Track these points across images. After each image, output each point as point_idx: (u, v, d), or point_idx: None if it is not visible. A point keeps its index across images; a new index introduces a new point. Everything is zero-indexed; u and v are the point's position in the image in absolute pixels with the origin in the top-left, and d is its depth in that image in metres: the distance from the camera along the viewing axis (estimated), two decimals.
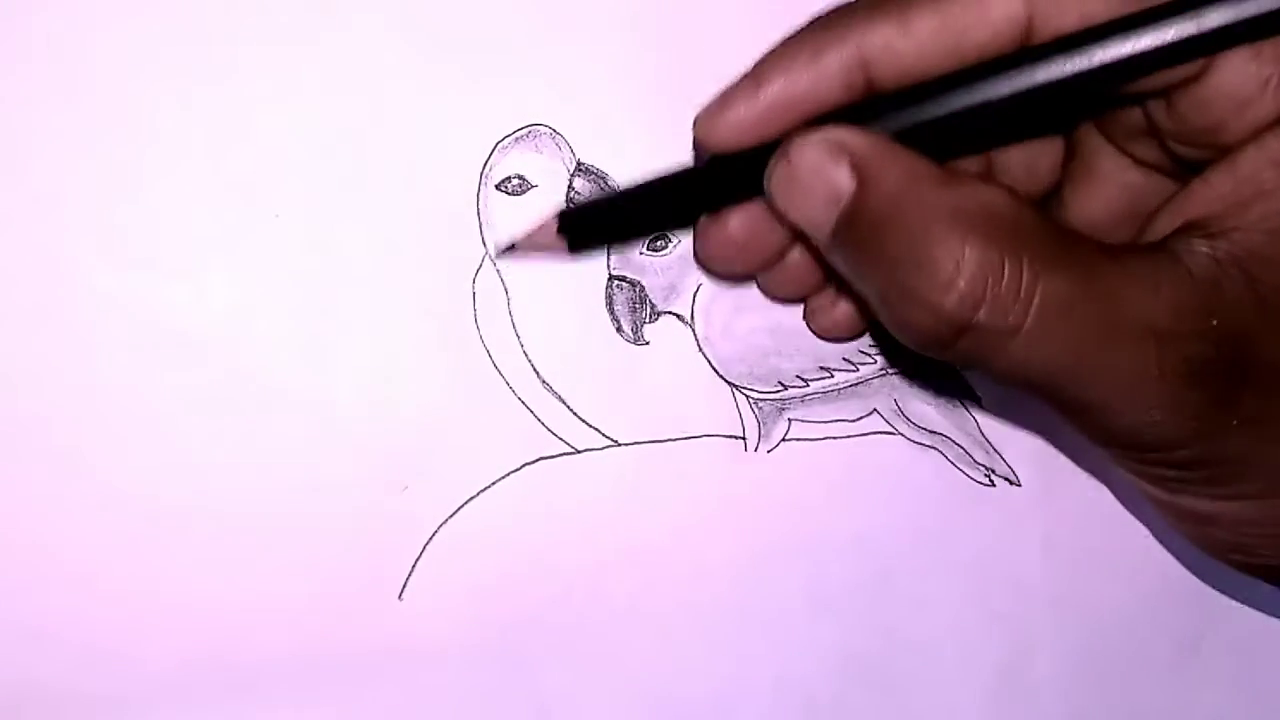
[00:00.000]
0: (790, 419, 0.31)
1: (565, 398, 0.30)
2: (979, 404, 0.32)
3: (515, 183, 0.29)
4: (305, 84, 0.28)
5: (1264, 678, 0.34)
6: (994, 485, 0.32)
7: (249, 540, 0.28)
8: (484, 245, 0.29)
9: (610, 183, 0.30)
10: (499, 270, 0.29)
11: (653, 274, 0.30)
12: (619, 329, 0.30)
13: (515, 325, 0.29)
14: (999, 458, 0.32)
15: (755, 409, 0.31)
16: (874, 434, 0.32)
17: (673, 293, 0.30)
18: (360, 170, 0.28)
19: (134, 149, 0.27)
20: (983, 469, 0.32)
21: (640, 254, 0.30)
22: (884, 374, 0.32)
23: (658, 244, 0.30)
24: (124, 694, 0.27)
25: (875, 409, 0.32)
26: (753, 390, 0.31)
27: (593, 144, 0.30)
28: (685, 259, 0.30)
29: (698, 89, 0.29)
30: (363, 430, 0.29)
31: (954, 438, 0.32)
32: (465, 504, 0.29)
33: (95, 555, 0.27)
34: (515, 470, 0.29)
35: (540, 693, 0.30)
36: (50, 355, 0.27)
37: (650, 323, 0.30)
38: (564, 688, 0.30)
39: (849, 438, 0.32)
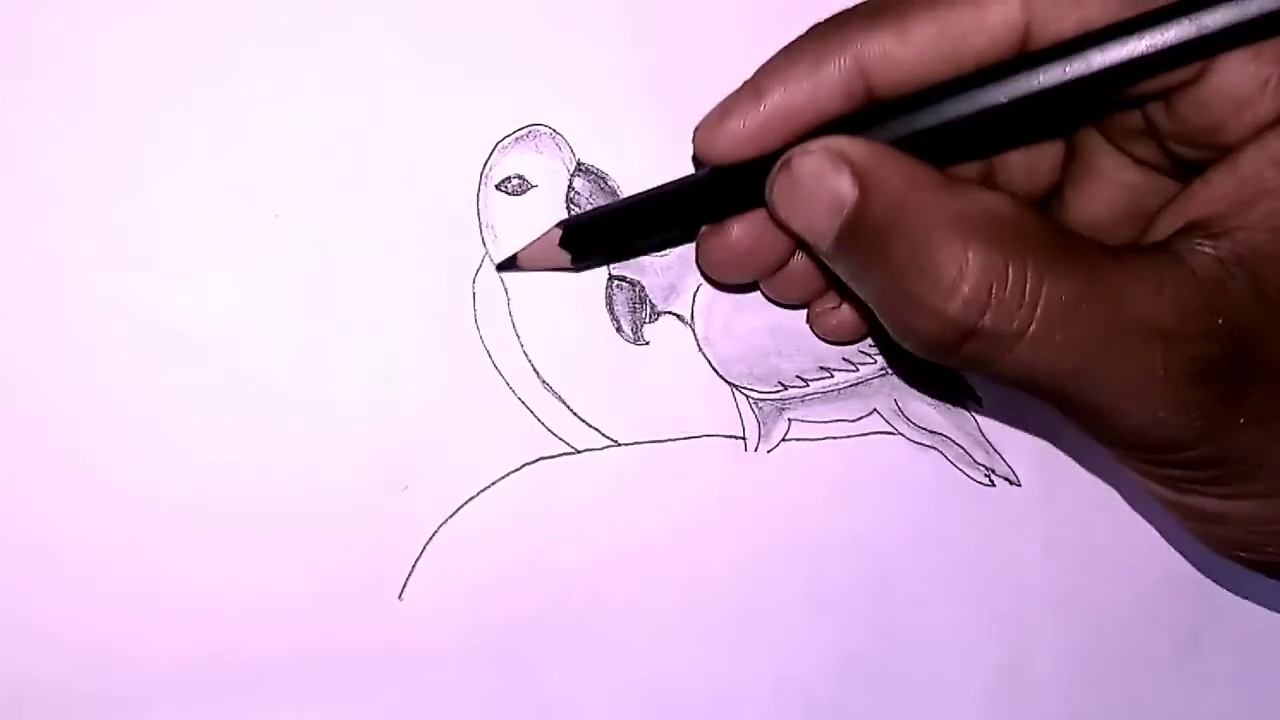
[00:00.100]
0: (790, 419, 0.31)
1: (565, 398, 0.30)
2: (979, 404, 0.32)
3: (515, 183, 0.29)
4: (305, 84, 0.28)
5: (1264, 676, 0.34)
6: (994, 485, 0.32)
7: (249, 540, 0.28)
8: (484, 245, 0.29)
9: (610, 183, 0.30)
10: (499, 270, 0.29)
11: (653, 274, 0.30)
12: (619, 329, 0.30)
13: (515, 325, 0.29)
14: (999, 458, 0.32)
15: (755, 409, 0.31)
16: (874, 434, 0.32)
17: (673, 293, 0.30)
18: (360, 170, 0.28)
19: (134, 149, 0.27)
20: (983, 469, 0.32)
21: None
22: (884, 374, 0.32)
23: None
24: (124, 694, 0.27)
25: (875, 409, 0.32)
26: (753, 390, 0.31)
27: (593, 144, 0.30)
28: (685, 259, 0.30)
29: (697, 89, 0.29)
30: (363, 430, 0.29)
31: (954, 438, 0.32)
32: (465, 504, 0.29)
33: (95, 555, 0.27)
34: (515, 470, 0.29)
35: (540, 693, 0.30)
36: (50, 355, 0.27)
37: (650, 323, 0.30)
38: (564, 688, 0.30)
39: (849, 438, 0.32)
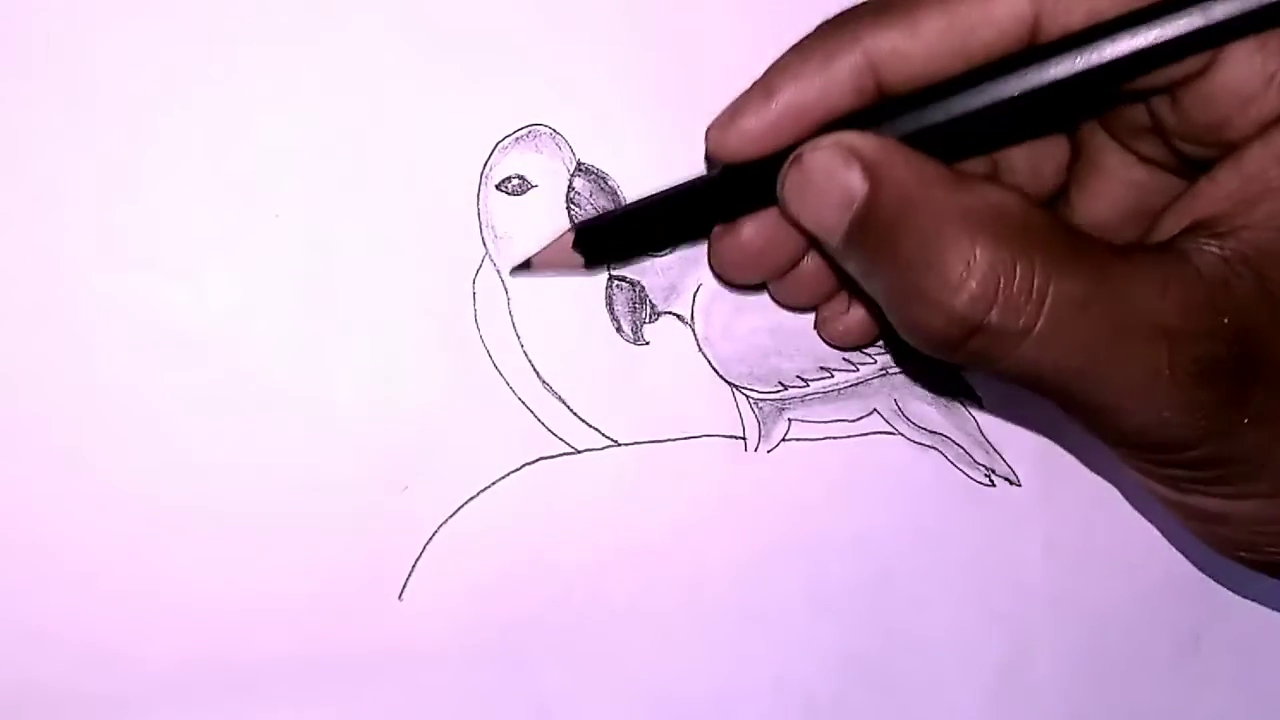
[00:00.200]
0: (790, 419, 0.31)
1: (565, 398, 0.30)
2: (979, 404, 0.32)
3: (515, 183, 0.29)
4: (305, 84, 0.28)
5: (1264, 676, 0.34)
6: (994, 485, 0.32)
7: (249, 540, 0.28)
8: (484, 245, 0.29)
9: (610, 183, 0.30)
10: (499, 270, 0.29)
11: (653, 274, 0.30)
12: (619, 329, 0.30)
13: (515, 325, 0.29)
14: (999, 458, 0.32)
15: (755, 409, 0.31)
16: (874, 434, 0.32)
17: (673, 293, 0.30)
18: (360, 170, 0.28)
19: (134, 149, 0.27)
20: (983, 469, 0.32)
21: None
22: (884, 374, 0.32)
23: None
24: (124, 694, 0.27)
25: (875, 409, 0.32)
26: (753, 390, 0.31)
27: (593, 144, 0.30)
28: (685, 259, 0.30)
29: (698, 89, 0.29)
30: (363, 430, 0.29)
31: (954, 438, 0.32)
32: (465, 504, 0.29)
33: (95, 555, 0.27)
34: (515, 470, 0.29)
35: (540, 693, 0.30)
36: (50, 355, 0.27)
37: (650, 323, 0.30)
38: (564, 688, 0.30)
39: (849, 438, 0.32)
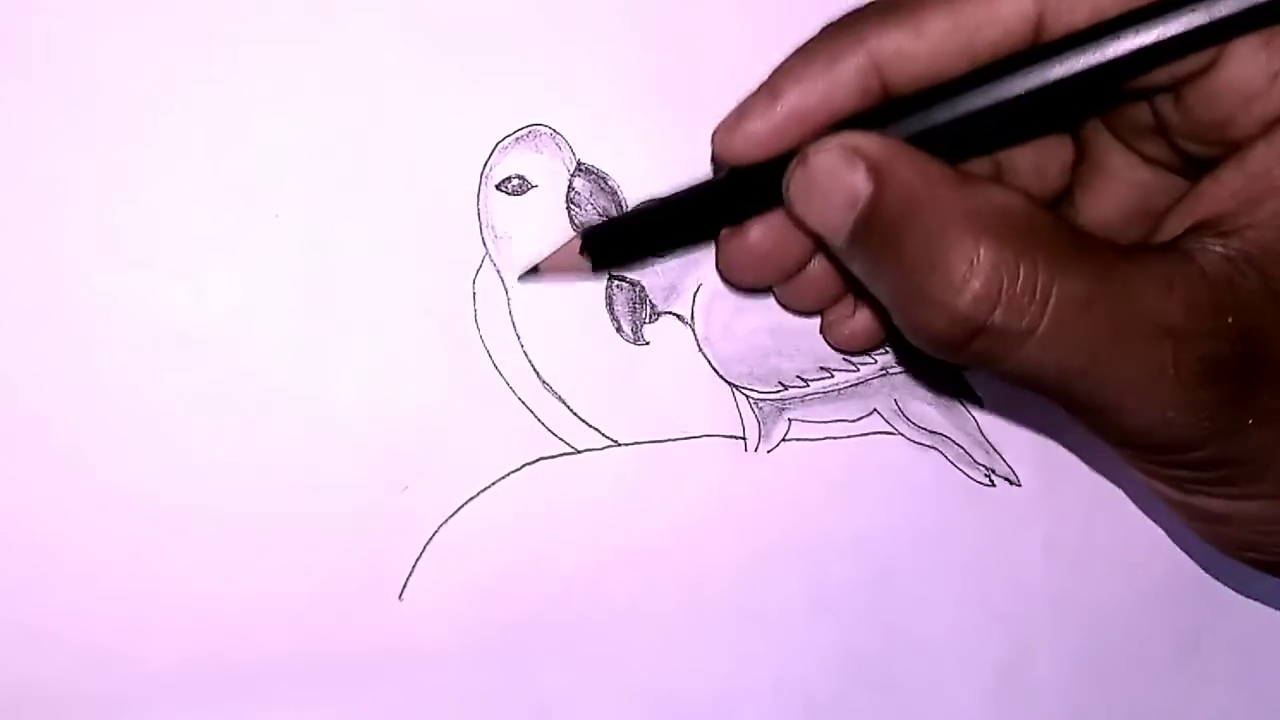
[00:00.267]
0: (790, 419, 0.31)
1: (565, 398, 0.30)
2: (979, 404, 0.32)
3: (515, 183, 0.29)
4: (305, 84, 0.28)
5: (1264, 676, 0.34)
6: (994, 485, 0.32)
7: (249, 540, 0.28)
8: (484, 245, 0.29)
9: (610, 183, 0.30)
10: (499, 270, 0.29)
11: (653, 274, 0.30)
12: (619, 329, 0.30)
13: (515, 325, 0.29)
14: (999, 458, 0.32)
15: (755, 409, 0.31)
16: (874, 434, 0.32)
17: (673, 293, 0.30)
18: (360, 170, 0.28)
19: (134, 149, 0.27)
20: (983, 469, 0.32)
21: None
22: (884, 374, 0.32)
23: None
24: (124, 694, 0.27)
25: (875, 409, 0.32)
26: (753, 390, 0.31)
27: (593, 144, 0.30)
28: (685, 259, 0.30)
29: (698, 89, 0.29)
30: (363, 430, 0.28)
31: (954, 438, 0.32)
32: (465, 504, 0.29)
33: (95, 555, 0.27)
34: (515, 470, 0.29)
35: (540, 693, 0.30)
36: (50, 355, 0.27)
37: (650, 323, 0.30)
38: (564, 688, 0.30)
39: (849, 438, 0.32)
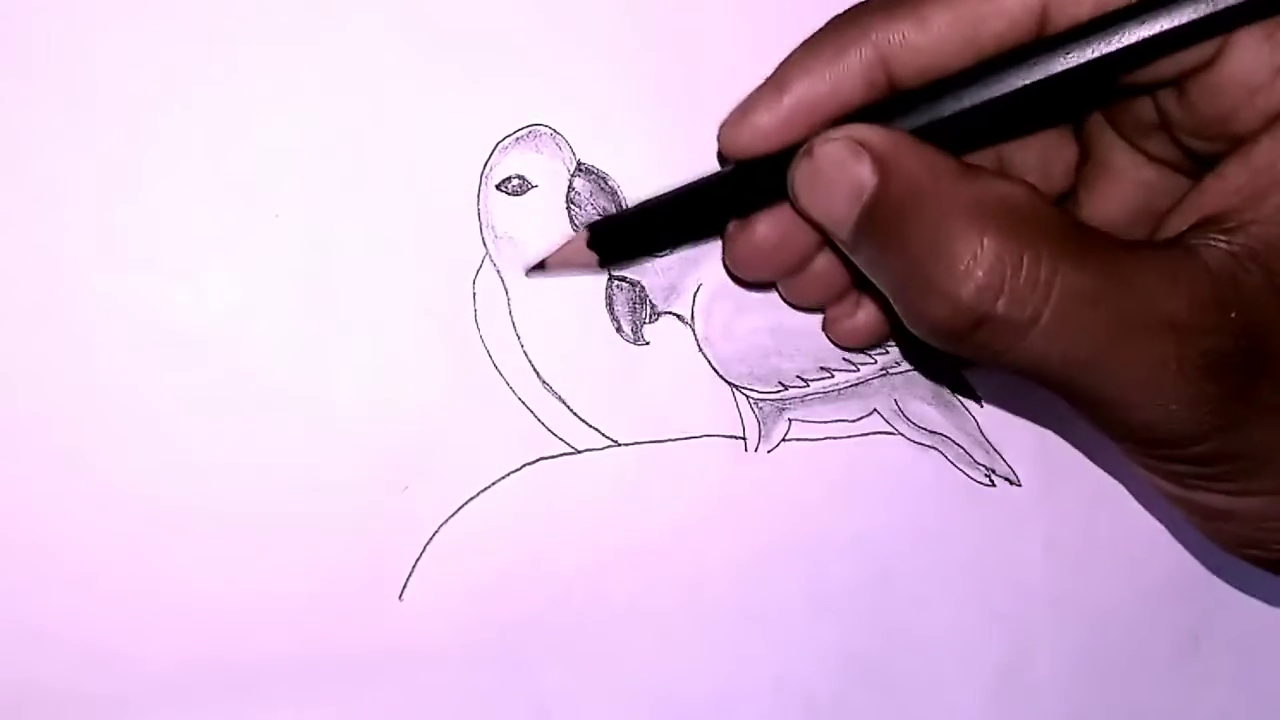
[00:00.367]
0: (790, 419, 0.31)
1: (565, 398, 0.30)
2: (979, 404, 0.32)
3: (515, 183, 0.29)
4: (305, 84, 0.28)
5: (1264, 675, 0.34)
6: (994, 485, 0.32)
7: (249, 540, 0.28)
8: (484, 245, 0.29)
9: (610, 183, 0.30)
10: (499, 270, 0.29)
11: (653, 274, 0.30)
12: (619, 329, 0.30)
13: (515, 325, 0.29)
14: (999, 458, 0.32)
15: (755, 409, 0.31)
16: (874, 434, 0.32)
17: (673, 293, 0.30)
18: (360, 170, 0.28)
19: (134, 149, 0.27)
20: (983, 469, 0.32)
21: None
22: (884, 374, 0.32)
23: None
24: (124, 694, 0.27)
25: (875, 409, 0.32)
26: (753, 390, 0.31)
27: (593, 144, 0.30)
28: (685, 259, 0.30)
29: (698, 89, 0.29)
30: (363, 430, 0.28)
31: (954, 438, 0.32)
32: (465, 504, 0.29)
33: (95, 555, 0.27)
34: (515, 470, 0.29)
35: (540, 693, 0.30)
36: (50, 355, 0.27)
37: (650, 323, 0.30)
38: (564, 688, 0.30)
39: (849, 438, 0.32)
